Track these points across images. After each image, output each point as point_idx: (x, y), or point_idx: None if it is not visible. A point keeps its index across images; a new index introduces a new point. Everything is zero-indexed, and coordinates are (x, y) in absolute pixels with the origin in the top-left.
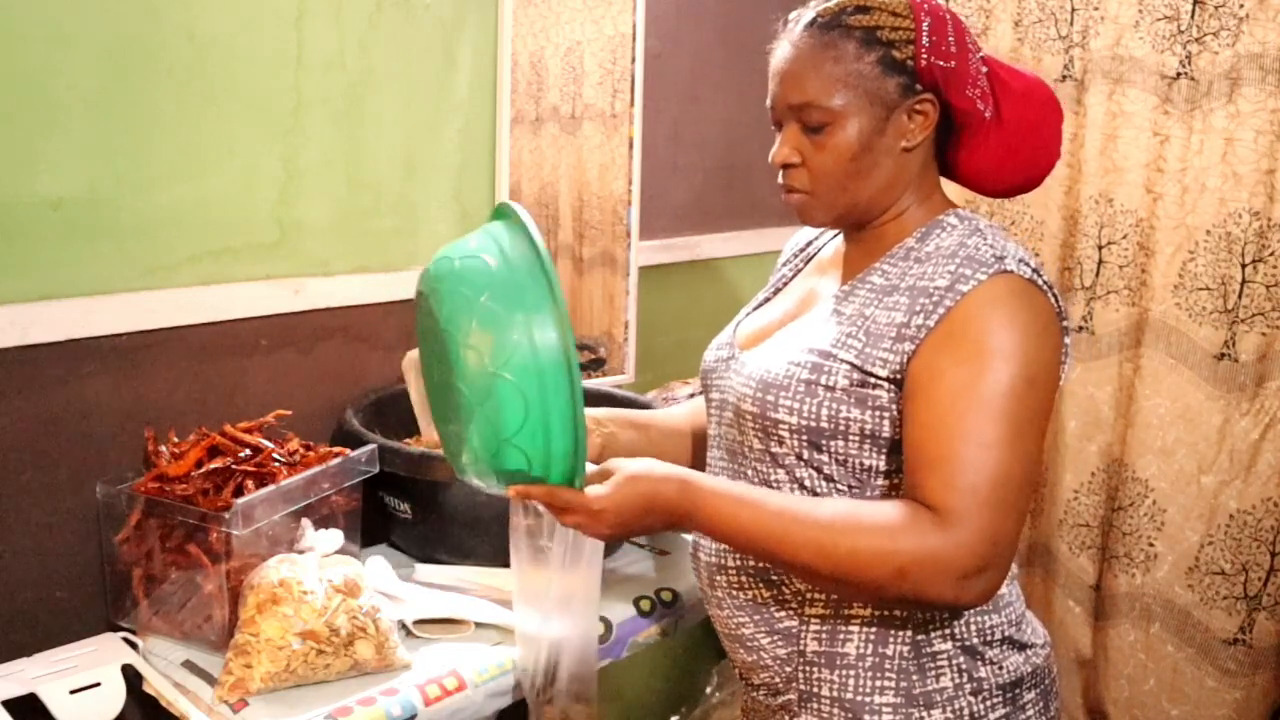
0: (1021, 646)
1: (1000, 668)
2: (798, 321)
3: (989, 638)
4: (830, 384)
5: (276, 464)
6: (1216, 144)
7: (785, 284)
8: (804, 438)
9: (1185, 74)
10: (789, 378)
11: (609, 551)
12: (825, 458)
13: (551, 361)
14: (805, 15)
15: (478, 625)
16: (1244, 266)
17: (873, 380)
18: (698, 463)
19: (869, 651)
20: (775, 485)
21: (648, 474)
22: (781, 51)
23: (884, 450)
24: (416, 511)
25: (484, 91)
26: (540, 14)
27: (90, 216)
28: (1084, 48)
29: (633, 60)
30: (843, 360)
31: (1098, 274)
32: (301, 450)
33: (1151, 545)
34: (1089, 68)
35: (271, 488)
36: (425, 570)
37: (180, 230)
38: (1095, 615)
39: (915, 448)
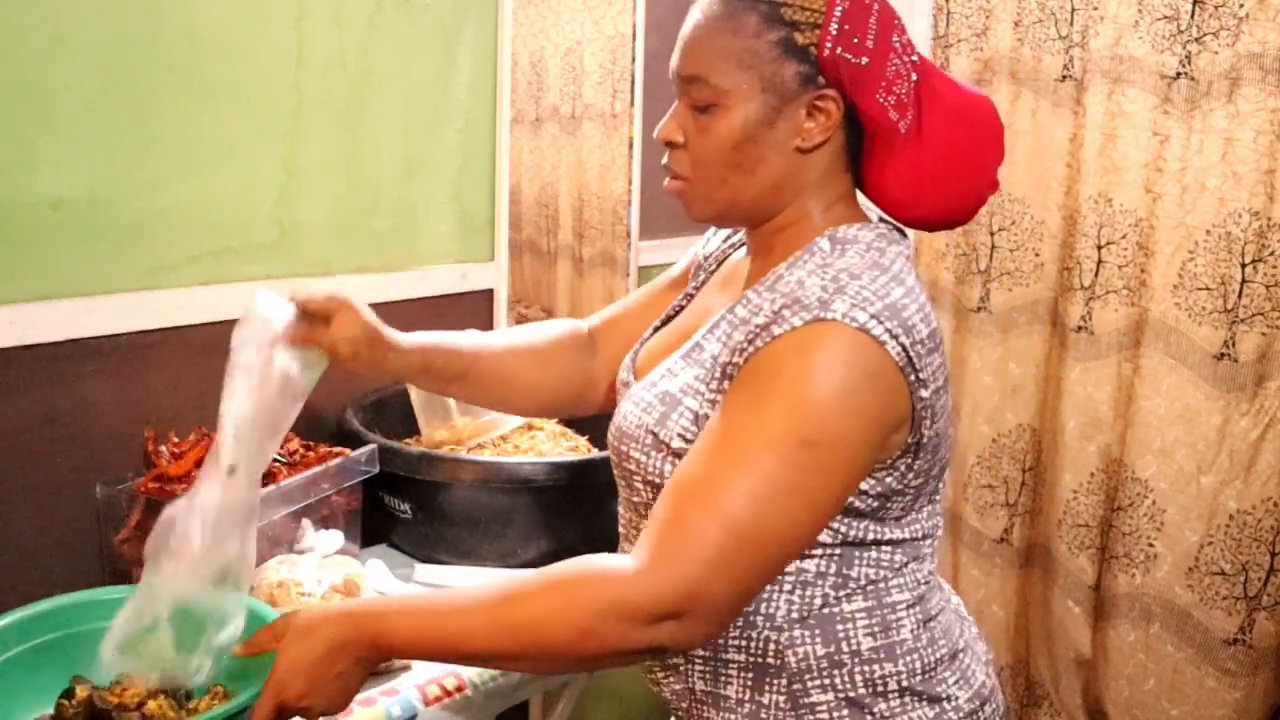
0: (933, 700)
1: None
2: (674, 355)
3: (879, 689)
4: (667, 440)
5: (276, 464)
6: (1216, 144)
7: (694, 295)
8: (654, 493)
9: (1185, 74)
10: (638, 427)
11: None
12: None
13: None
14: None
15: None
16: (1244, 266)
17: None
18: (519, 395)
19: (747, 697)
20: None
21: (315, 622)
22: (689, 17)
23: None
24: (416, 511)
25: (484, 91)
26: (540, 14)
27: (90, 216)
28: (1084, 48)
29: (633, 60)
30: (687, 408)
31: (1097, 274)
32: (301, 450)
33: (1151, 545)
34: (1089, 68)
35: (271, 488)
36: (425, 570)
37: (180, 230)
38: (1095, 615)
39: (672, 477)
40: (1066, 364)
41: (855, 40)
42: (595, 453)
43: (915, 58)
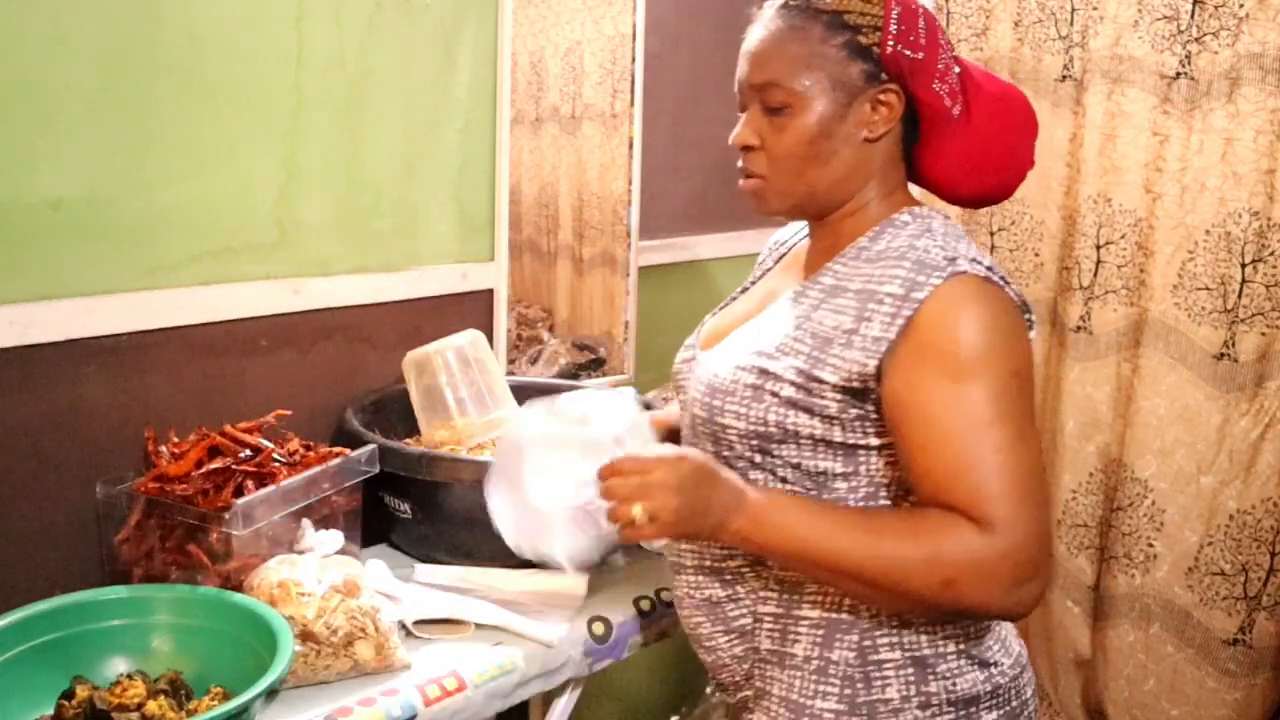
0: (983, 664)
1: (953, 683)
2: (751, 322)
3: (941, 649)
4: (775, 390)
5: (276, 464)
6: (1216, 144)
7: (755, 283)
8: (752, 443)
9: (1185, 74)
10: (735, 382)
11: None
12: (778, 462)
13: None
14: None
15: (478, 626)
16: (1244, 266)
17: (818, 387)
18: None
19: (815, 654)
20: None
21: (709, 459)
22: (752, 33)
23: (838, 454)
24: (416, 511)
25: (484, 91)
26: (540, 14)
27: (90, 216)
28: (1084, 48)
29: (633, 60)
30: (790, 364)
31: (1096, 274)
32: (301, 450)
33: (1151, 545)
34: (1089, 68)
35: (271, 488)
36: (425, 570)
37: (180, 230)
38: (1094, 616)
39: (926, 473)
40: (1066, 364)
41: (911, 38)
42: None
43: (954, 54)
